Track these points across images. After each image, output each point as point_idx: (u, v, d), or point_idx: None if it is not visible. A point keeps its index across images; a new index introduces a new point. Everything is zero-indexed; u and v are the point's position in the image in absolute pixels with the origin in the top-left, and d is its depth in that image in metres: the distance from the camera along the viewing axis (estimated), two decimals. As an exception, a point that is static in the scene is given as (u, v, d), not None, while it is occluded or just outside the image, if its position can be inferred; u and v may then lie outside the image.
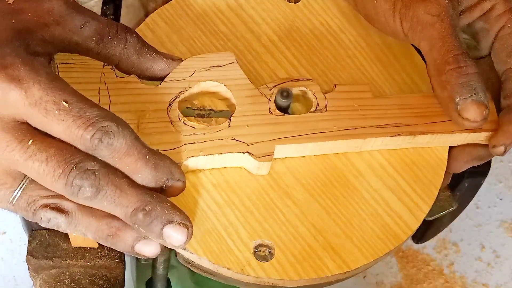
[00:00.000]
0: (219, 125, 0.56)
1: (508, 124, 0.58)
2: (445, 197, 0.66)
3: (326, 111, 0.58)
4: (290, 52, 0.63)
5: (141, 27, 0.63)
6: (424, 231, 0.71)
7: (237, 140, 0.55)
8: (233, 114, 0.56)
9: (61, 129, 0.48)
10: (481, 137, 0.59)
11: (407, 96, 0.60)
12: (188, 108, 0.58)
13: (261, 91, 0.58)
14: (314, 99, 0.58)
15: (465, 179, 0.65)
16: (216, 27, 0.63)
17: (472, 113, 0.56)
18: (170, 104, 0.56)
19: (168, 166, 0.51)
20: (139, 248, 0.51)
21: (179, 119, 0.55)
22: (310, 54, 0.63)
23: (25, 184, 0.50)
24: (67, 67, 0.55)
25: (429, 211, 0.58)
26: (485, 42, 0.61)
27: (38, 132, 0.48)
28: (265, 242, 0.55)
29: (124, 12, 0.71)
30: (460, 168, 0.61)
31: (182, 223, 0.50)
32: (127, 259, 0.62)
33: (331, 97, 0.58)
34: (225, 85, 0.57)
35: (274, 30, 0.64)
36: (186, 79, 0.57)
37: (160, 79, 0.57)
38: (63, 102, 0.48)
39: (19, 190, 0.50)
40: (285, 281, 0.54)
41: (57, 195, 0.50)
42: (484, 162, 0.64)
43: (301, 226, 0.55)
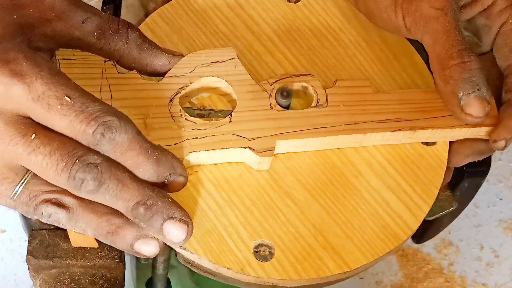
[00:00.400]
0: (220, 121, 0.56)
1: (509, 119, 0.58)
2: (445, 197, 0.66)
3: (327, 106, 0.58)
4: (290, 52, 0.63)
5: (141, 27, 0.63)
6: (424, 231, 0.71)
7: (238, 135, 0.55)
8: (234, 110, 0.56)
9: (64, 124, 0.48)
10: (482, 132, 0.59)
11: (408, 91, 0.61)
12: (188, 108, 0.58)
13: (262, 87, 0.58)
14: (315, 95, 0.58)
15: (465, 179, 0.65)
16: (216, 27, 0.63)
17: (475, 109, 0.56)
18: (171, 100, 0.56)
19: (170, 161, 0.51)
20: (138, 247, 0.51)
21: (181, 115, 0.55)
22: (310, 54, 0.63)
23: (27, 179, 0.50)
24: (69, 63, 0.55)
25: (429, 211, 0.58)
26: (487, 38, 0.62)
27: (41, 127, 0.49)
28: (265, 242, 0.55)
29: (124, 12, 0.71)
30: (461, 162, 0.61)
31: (183, 220, 0.50)
32: (127, 259, 0.62)
33: (332, 93, 0.58)
34: (226, 81, 0.57)
35: (274, 30, 0.64)
36: (187, 75, 0.57)
37: (161, 75, 0.57)
38: (66, 97, 0.48)
39: (21, 185, 0.50)
40: (285, 281, 0.54)
41: (59, 190, 0.50)
42: (484, 162, 0.64)
43: (301, 226, 0.55)
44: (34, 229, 0.60)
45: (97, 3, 0.68)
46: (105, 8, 0.68)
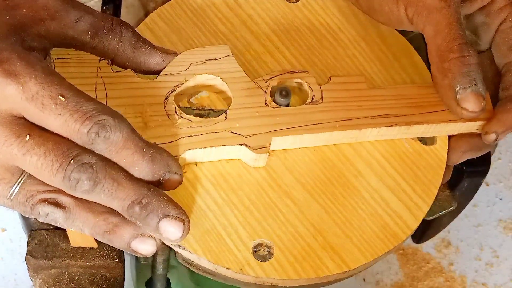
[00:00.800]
0: (216, 118, 0.56)
1: (502, 113, 0.59)
2: (445, 197, 0.66)
3: (322, 103, 0.58)
4: (290, 52, 0.63)
5: (141, 27, 0.63)
6: (424, 231, 0.71)
7: (234, 133, 0.55)
8: (230, 107, 0.56)
9: (58, 124, 0.48)
10: (476, 127, 0.59)
11: (402, 87, 0.61)
12: (188, 108, 0.58)
13: (257, 84, 0.58)
14: (310, 91, 0.58)
15: (465, 179, 0.65)
16: (215, 27, 0.63)
17: (471, 104, 0.57)
18: (167, 98, 0.56)
19: (165, 159, 0.51)
20: (135, 246, 0.51)
21: (176, 113, 0.55)
22: (309, 54, 0.63)
23: (23, 179, 0.50)
24: (63, 62, 0.55)
25: (429, 211, 0.58)
26: (486, 36, 0.62)
27: (35, 127, 0.49)
28: (265, 242, 0.55)
29: (124, 12, 0.71)
30: (459, 159, 0.61)
31: (178, 218, 0.50)
32: (127, 259, 0.62)
33: (327, 89, 0.59)
34: (221, 78, 0.57)
35: (274, 30, 0.64)
36: (182, 73, 0.57)
37: (156, 73, 0.57)
38: (60, 97, 0.48)
39: (17, 185, 0.50)
40: (285, 281, 0.54)
41: (55, 190, 0.50)
42: (484, 162, 0.64)
43: (301, 226, 0.55)
44: (34, 229, 0.60)
45: (97, 3, 0.68)
46: (105, 8, 0.68)
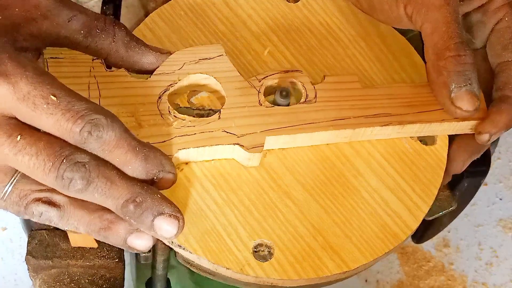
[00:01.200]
0: (209, 118, 0.56)
1: (496, 114, 0.59)
2: (445, 197, 0.66)
3: (316, 102, 0.58)
4: (289, 52, 0.63)
5: (141, 27, 0.63)
6: (424, 231, 0.71)
7: (227, 132, 0.55)
8: (223, 106, 0.56)
9: (50, 123, 0.48)
10: (470, 126, 0.60)
11: (396, 86, 0.61)
12: (188, 108, 0.58)
13: (251, 83, 0.58)
14: (304, 90, 0.58)
15: (465, 179, 0.65)
16: (215, 27, 0.63)
17: (465, 103, 0.57)
18: (160, 97, 0.56)
19: (159, 158, 0.51)
20: (131, 241, 0.51)
21: (169, 112, 0.55)
22: (309, 54, 0.63)
23: (16, 179, 0.50)
24: (56, 62, 0.55)
25: (429, 211, 0.58)
26: (481, 35, 0.62)
27: (27, 127, 0.49)
28: (265, 242, 0.55)
29: (124, 12, 0.71)
30: (461, 168, 0.61)
31: (173, 215, 0.50)
32: (127, 259, 0.62)
33: (320, 88, 0.59)
34: (215, 77, 0.57)
35: (274, 30, 0.64)
36: (176, 72, 0.57)
37: (149, 73, 0.57)
38: (52, 96, 0.48)
39: (10, 185, 0.50)
40: (285, 281, 0.54)
41: (49, 189, 0.50)
42: (484, 162, 0.64)
43: (301, 226, 0.55)
44: (34, 229, 0.60)
45: (97, 3, 0.68)
46: (105, 8, 0.68)
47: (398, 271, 1.08)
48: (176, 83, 0.57)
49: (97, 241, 0.59)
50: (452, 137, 0.61)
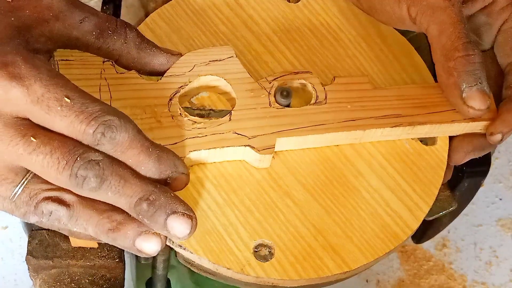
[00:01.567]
0: (220, 119, 0.56)
1: (507, 113, 0.59)
2: (445, 197, 0.66)
3: (326, 104, 0.58)
4: (290, 52, 0.63)
5: (141, 27, 0.63)
6: (424, 231, 0.71)
7: (238, 134, 0.55)
8: (234, 108, 0.56)
9: (64, 125, 0.48)
10: (480, 127, 0.59)
11: (406, 87, 0.61)
12: (188, 108, 0.58)
13: (261, 85, 0.58)
14: (314, 92, 0.58)
15: (465, 179, 0.65)
16: (216, 27, 0.63)
17: (477, 102, 0.57)
18: (171, 99, 0.56)
19: (172, 159, 0.51)
20: (140, 244, 0.50)
21: (180, 114, 0.55)
22: (310, 54, 0.63)
23: (28, 179, 0.50)
24: (67, 64, 0.55)
25: (429, 211, 0.58)
26: (488, 36, 0.62)
27: (41, 128, 0.49)
28: (265, 242, 0.55)
29: (124, 12, 0.71)
30: (462, 160, 0.61)
31: (186, 214, 0.50)
32: (127, 259, 0.62)
33: (331, 89, 0.59)
34: (225, 79, 0.57)
35: (274, 30, 0.64)
36: (186, 74, 0.57)
37: (160, 74, 0.57)
38: (65, 98, 0.48)
39: (21, 186, 0.50)
40: (285, 281, 0.54)
41: (59, 188, 0.49)
42: (484, 162, 0.64)
43: (301, 226, 0.55)
44: (34, 229, 0.60)
45: (97, 3, 0.68)
46: (105, 8, 0.68)
47: (399, 269, 1.08)
48: (187, 85, 0.57)
49: (97, 241, 0.59)
50: None
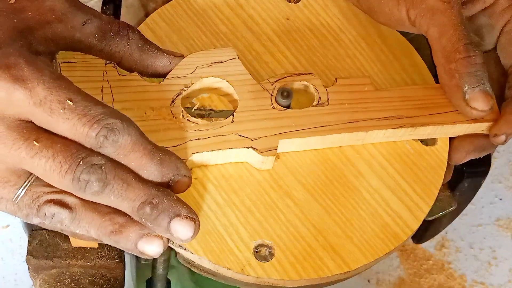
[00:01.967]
0: (223, 121, 0.56)
1: (510, 114, 0.59)
2: (445, 197, 0.66)
3: (328, 105, 0.58)
4: (290, 52, 0.63)
5: (141, 27, 0.63)
6: (424, 231, 0.71)
7: (241, 135, 0.55)
8: (236, 110, 0.56)
9: (66, 128, 0.48)
10: (482, 128, 0.59)
11: (408, 88, 0.61)
12: (188, 108, 0.58)
13: (263, 86, 0.58)
14: (316, 93, 0.58)
15: (465, 179, 0.65)
16: (216, 27, 0.63)
17: (480, 102, 0.57)
18: (173, 101, 0.56)
19: (174, 162, 0.51)
20: (142, 247, 0.51)
21: (183, 116, 0.55)
22: (310, 54, 0.63)
23: (30, 182, 0.50)
24: (69, 66, 0.55)
25: (429, 211, 0.58)
26: (490, 37, 0.62)
27: (43, 130, 0.49)
28: (266, 242, 0.55)
29: (124, 12, 0.71)
30: (462, 159, 0.61)
31: (189, 217, 0.50)
32: (127, 259, 0.62)
33: (333, 91, 0.59)
34: (227, 81, 0.57)
35: (274, 30, 0.64)
36: (188, 76, 0.57)
37: (162, 76, 0.57)
38: (68, 101, 0.48)
39: (24, 188, 0.50)
40: (286, 281, 0.54)
41: (61, 191, 0.49)
42: (484, 162, 0.64)
43: (302, 226, 0.55)
44: (34, 229, 0.60)
45: (97, 3, 0.68)
46: (105, 8, 0.68)
47: (399, 268, 1.08)
48: (189, 87, 0.57)
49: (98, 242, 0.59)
50: None
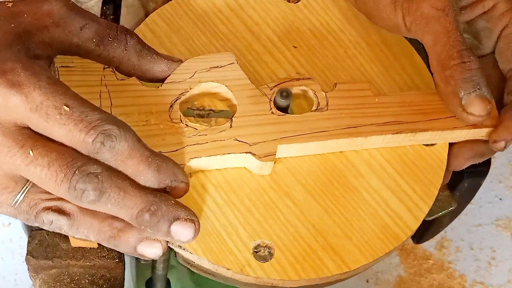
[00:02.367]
0: (221, 126, 0.56)
1: (510, 120, 0.58)
2: (445, 197, 0.66)
3: (327, 110, 0.58)
4: (290, 52, 0.63)
5: (141, 27, 0.63)
6: (424, 231, 0.72)
7: (239, 141, 0.55)
8: (235, 115, 0.56)
9: (63, 133, 0.48)
10: (482, 133, 0.59)
11: (408, 94, 0.61)
12: (188, 109, 0.58)
13: (262, 91, 0.58)
14: (315, 98, 0.58)
15: (465, 179, 0.65)
16: (216, 27, 0.63)
17: (477, 108, 0.56)
18: (172, 106, 0.56)
19: (171, 168, 0.51)
20: (142, 250, 0.51)
21: (181, 121, 0.55)
22: (310, 54, 0.63)
23: (28, 188, 0.49)
24: (68, 71, 0.55)
25: (429, 211, 0.58)
26: (488, 41, 0.62)
27: (40, 137, 0.48)
28: (265, 243, 0.55)
29: (124, 12, 0.71)
30: (461, 166, 0.61)
31: (189, 219, 0.50)
32: (127, 259, 0.62)
33: (332, 96, 0.58)
34: (226, 86, 0.57)
35: (274, 30, 0.64)
36: (187, 80, 0.57)
37: (161, 81, 0.56)
38: (64, 106, 0.48)
39: (22, 194, 0.49)
40: (285, 281, 0.54)
41: (59, 197, 0.49)
42: (484, 162, 0.64)
43: (301, 226, 0.55)
44: (34, 229, 0.60)
45: (97, 3, 0.68)
46: (105, 8, 0.68)
47: (399, 267, 1.08)
48: (188, 92, 0.57)
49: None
50: None
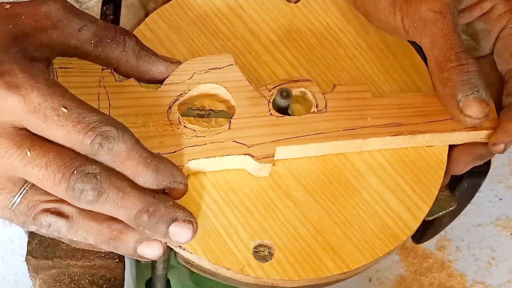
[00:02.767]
0: (220, 128, 0.56)
1: (508, 122, 0.58)
2: (445, 197, 0.66)
3: (326, 112, 0.58)
4: (290, 52, 0.63)
5: (141, 27, 0.63)
6: (424, 231, 0.72)
7: (238, 142, 0.55)
8: (233, 116, 0.56)
9: (61, 135, 0.48)
10: (481, 135, 0.59)
11: (407, 96, 0.61)
12: (188, 109, 0.58)
13: (261, 93, 0.58)
14: (314, 100, 0.58)
15: (465, 179, 0.65)
16: (216, 27, 0.63)
17: (474, 110, 0.56)
18: (170, 107, 0.56)
19: (170, 169, 0.51)
20: (142, 251, 0.51)
21: (180, 122, 0.55)
22: (310, 54, 0.63)
23: (26, 189, 0.49)
24: (66, 72, 0.55)
25: (429, 211, 0.58)
26: (486, 42, 0.62)
27: (37, 138, 0.48)
28: (265, 242, 0.55)
29: (124, 12, 0.71)
30: (462, 170, 0.61)
31: (187, 220, 0.50)
32: (127, 259, 0.62)
33: (331, 98, 0.58)
34: (225, 87, 0.57)
35: (274, 30, 0.64)
36: (185, 82, 0.57)
37: (159, 82, 0.56)
38: (62, 108, 0.47)
39: (19, 195, 0.49)
40: (285, 281, 0.54)
41: (58, 200, 0.49)
42: (484, 162, 0.64)
43: (301, 227, 0.55)
44: (34, 229, 0.60)
45: (97, 3, 0.68)
46: (105, 8, 0.68)
47: (399, 266, 1.08)
48: (186, 93, 0.56)
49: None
50: None
